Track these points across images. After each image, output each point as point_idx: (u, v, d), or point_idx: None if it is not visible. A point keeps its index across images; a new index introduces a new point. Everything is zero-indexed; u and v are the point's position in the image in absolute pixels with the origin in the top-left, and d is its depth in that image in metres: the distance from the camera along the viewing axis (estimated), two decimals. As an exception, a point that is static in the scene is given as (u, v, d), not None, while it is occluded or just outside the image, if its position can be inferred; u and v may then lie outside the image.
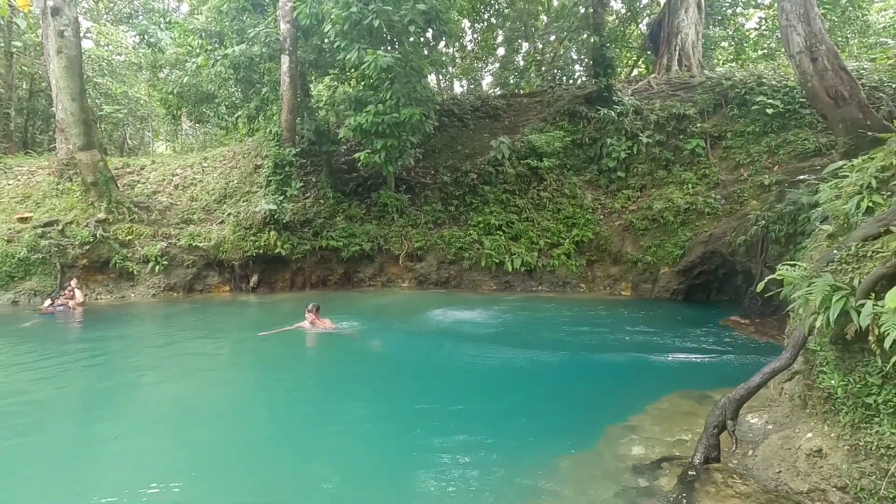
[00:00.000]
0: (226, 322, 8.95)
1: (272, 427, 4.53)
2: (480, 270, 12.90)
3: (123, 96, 20.92)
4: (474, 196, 14.04)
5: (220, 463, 3.86)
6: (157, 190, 13.63)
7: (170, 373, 6.11)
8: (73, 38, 11.41)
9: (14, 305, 10.07)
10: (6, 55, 18.43)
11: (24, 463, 3.75)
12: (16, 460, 3.79)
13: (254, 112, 14.27)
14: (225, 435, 4.35)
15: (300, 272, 12.78)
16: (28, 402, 4.95)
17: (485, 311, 10.09)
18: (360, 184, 14.51)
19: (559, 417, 4.71)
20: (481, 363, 6.31)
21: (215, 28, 14.13)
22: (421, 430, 4.25)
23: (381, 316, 9.56)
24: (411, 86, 11.47)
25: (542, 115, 16.39)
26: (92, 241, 10.90)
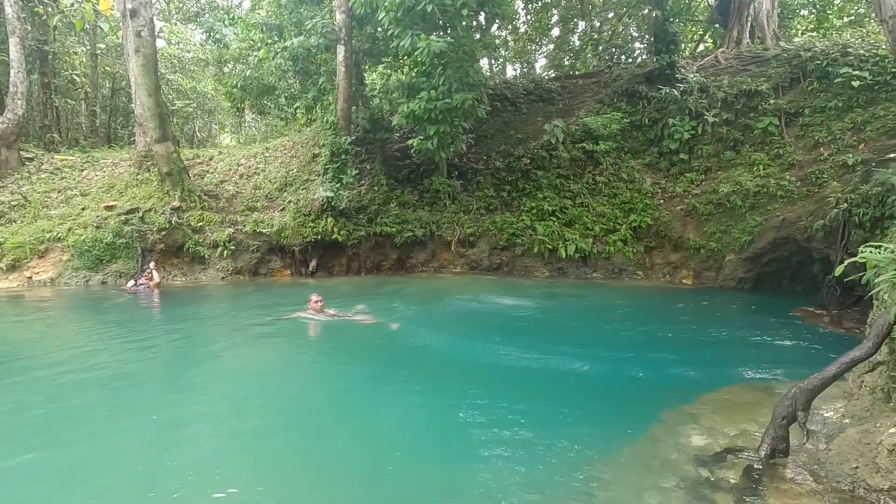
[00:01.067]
0: (287, 304, 9.39)
1: (328, 407, 4.77)
2: (533, 257, 12.76)
3: (192, 91, 22.23)
4: (527, 181, 13.85)
5: (282, 436, 4.10)
6: (224, 179, 14.45)
7: (237, 350, 6.53)
8: (149, 37, 12.22)
9: (103, 286, 11.07)
10: (92, 57, 20.05)
11: (121, 421, 4.17)
12: (113, 419, 4.22)
13: (311, 102, 14.73)
14: (286, 411, 4.62)
15: (356, 257, 13.18)
16: (120, 372, 5.48)
17: (536, 298, 10.02)
18: (412, 170, 14.69)
19: (616, 406, 4.63)
20: (532, 350, 6.28)
21: (275, 21, 14.65)
22: (475, 419, 4.30)
23: (430, 301, 9.71)
24: (464, 71, 11.41)
25: (599, 96, 15.83)
26: (168, 228, 11.77)
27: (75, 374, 5.32)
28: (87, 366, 5.60)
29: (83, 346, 6.52)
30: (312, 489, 3.30)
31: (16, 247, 11.36)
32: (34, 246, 11.51)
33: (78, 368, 5.51)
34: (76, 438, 3.90)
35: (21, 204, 13.01)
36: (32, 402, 4.52)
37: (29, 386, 4.94)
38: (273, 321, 7.74)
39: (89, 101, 21.27)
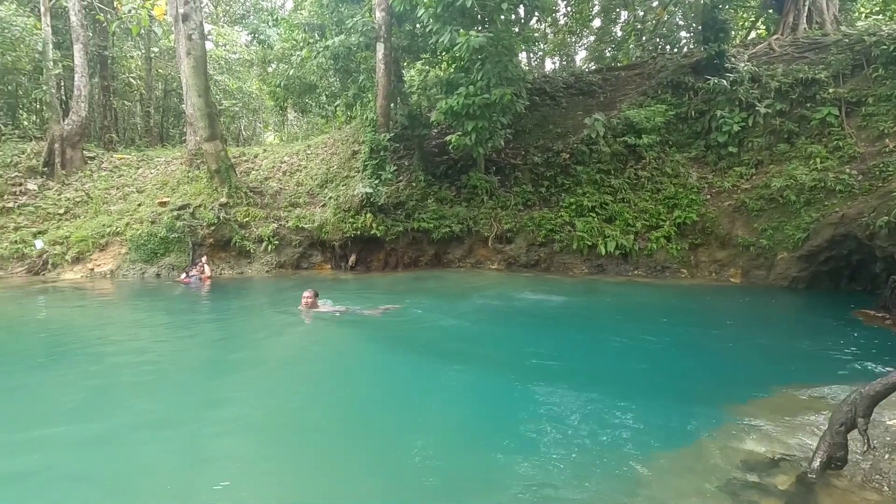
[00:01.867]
0: (328, 297, 9.65)
1: (373, 389, 4.88)
2: (571, 253, 12.56)
3: (238, 91, 23.05)
4: (566, 176, 13.62)
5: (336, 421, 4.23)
6: (268, 176, 14.94)
7: (279, 339, 6.76)
8: (199, 40, 12.76)
9: (157, 278, 11.69)
10: (146, 60, 21.12)
11: (172, 397, 4.42)
12: (165, 394, 4.48)
13: (351, 100, 14.99)
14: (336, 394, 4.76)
15: (394, 252, 13.35)
16: (172, 355, 5.80)
17: (575, 295, 9.87)
18: (450, 166, 14.72)
19: (658, 407, 4.50)
20: (571, 348, 6.21)
21: (317, 21, 14.97)
22: (514, 413, 4.30)
23: (469, 295, 9.73)
24: (502, 65, 11.32)
25: (642, 88, 15.36)
26: (216, 223, 12.29)
27: (129, 356, 5.67)
28: (140, 349, 5.96)
29: (138, 333, 6.93)
30: (348, 469, 3.40)
31: (80, 240, 12.17)
32: (96, 240, 12.28)
33: (132, 351, 5.86)
34: (124, 413, 4.16)
35: (84, 200, 13.91)
36: (90, 381, 4.86)
37: (86, 366, 5.30)
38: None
39: (144, 103, 22.44)
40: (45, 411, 4.23)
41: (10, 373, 5.09)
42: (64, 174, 14.76)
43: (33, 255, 12.04)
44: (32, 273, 11.78)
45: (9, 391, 4.63)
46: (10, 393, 4.59)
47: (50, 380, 4.95)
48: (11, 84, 17.12)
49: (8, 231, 12.77)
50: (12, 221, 13.10)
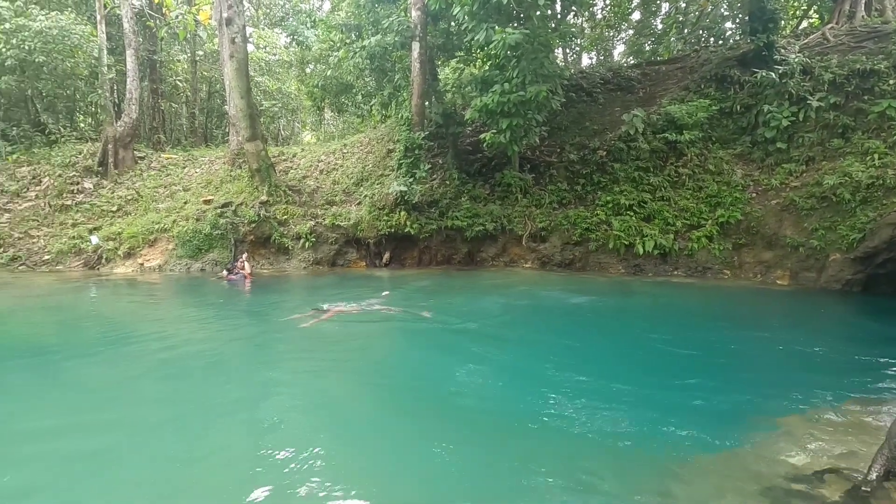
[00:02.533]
0: (363, 292, 9.82)
1: (415, 380, 4.94)
2: (608, 253, 12.31)
3: (278, 92, 23.69)
4: (603, 174, 13.35)
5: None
6: (306, 175, 15.30)
7: (316, 330, 6.91)
8: (242, 43, 13.18)
9: (202, 272, 12.18)
10: (192, 63, 21.97)
11: (220, 386, 4.61)
12: (210, 383, 4.67)
13: (387, 99, 15.17)
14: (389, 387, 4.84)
15: (427, 250, 13.44)
16: (215, 345, 6.04)
17: (614, 294, 9.67)
18: (484, 164, 14.68)
19: (699, 411, 4.36)
20: (608, 351, 6.09)
21: (354, 22, 15.20)
22: (551, 408, 4.26)
23: (503, 293, 9.69)
24: (538, 62, 11.18)
25: (684, 82, 14.87)
26: (257, 220, 12.69)
27: (176, 346, 5.93)
28: (185, 340, 6.22)
29: (188, 324, 7.24)
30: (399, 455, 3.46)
31: (131, 236, 12.81)
32: (145, 236, 12.91)
33: (178, 342, 6.13)
34: (185, 398, 4.37)
35: (135, 198, 14.63)
36: (139, 368, 5.12)
37: (136, 355, 5.59)
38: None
39: (189, 104, 23.36)
40: (111, 396, 4.49)
41: (76, 359, 5.43)
42: (116, 173, 15.57)
43: (89, 250, 12.76)
44: (88, 267, 12.50)
45: (75, 376, 4.95)
46: (78, 377, 4.90)
47: (111, 367, 5.24)
48: (70, 88, 18.14)
49: (66, 227, 13.59)
50: (70, 218, 13.94)
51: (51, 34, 15.05)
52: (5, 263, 12.53)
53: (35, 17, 15.11)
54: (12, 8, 15.24)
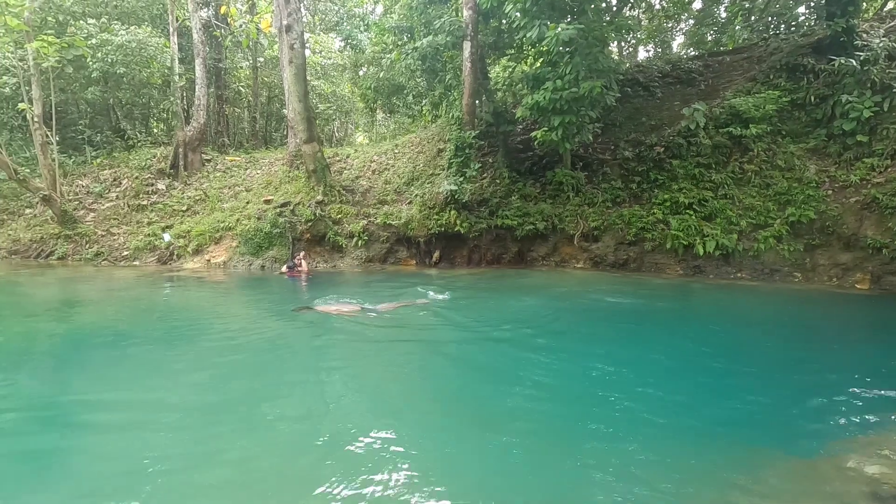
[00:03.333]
0: (414, 290, 9.97)
1: (452, 374, 4.98)
2: (665, 253, 11.84)
3: (332, 94, 24.46)
4: (660, 172, 12.84)
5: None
6: (358, 175, 15.72)
7: (373, 325, 7.10)
8: (300, 49, 13.71)
9: (262, 269, 12.80)
10: (253, 70, 23.09)
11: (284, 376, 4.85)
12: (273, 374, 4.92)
13: (437, 99, 15.31)
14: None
15: (476, 249, 13.45)
16: (278, 338, 6.34)
17: (670, 297, 9.30)
18: (535, 162, 14.50)
19: (767, 418, 4.13)
20: (671, 356, 5.86)
21: (406, 24, 15.45)
22: (604, 419, 4.17)
23: (555, 293, 9.55)
24: (592, 57, 10.92)
25: (750, 73, 14.04)
26: (313, 219, 13.18)
27: (241, 337, 6.27)
28: (249, 332, 6.57)
29: (248, 317, 7.65)
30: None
31: (199, 234, 13.66)
32: (212, 234, 13.72)
33: (242, 334, 6.47)
34: (242, 384, 4.62)
35: (202, 198, 15.58)
36: (203, 353, 5.46)
37: (201, 341, 5.96)
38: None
39: (251, 109, 24.60)
40: (175, 378, 4.84)
41: (148, 344, 5.88)
42: (186, 175, 16.65)
43: (162, 246, 13.73)
44: (161, 262, 13.44)
45: (148, 359, 5.36)
46: (151, 360, 5.31)
47: (179, 350, 5.64)
48: (145, 97, 19.59)
49: (142, 225, 14.69)
50: (146, 217, 15.05)
51: (130, 47, 16.30)
52: (90, 258, 13.71)
53: (117, 32, 16.41)
54: (98, 25, 16.63)
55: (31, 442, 3.58)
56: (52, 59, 13.65)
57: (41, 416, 3.99)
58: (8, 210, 15.92)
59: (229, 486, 3.07)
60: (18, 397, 4.32)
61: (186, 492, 2.98)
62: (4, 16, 12.17)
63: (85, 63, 16.18)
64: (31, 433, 3.71)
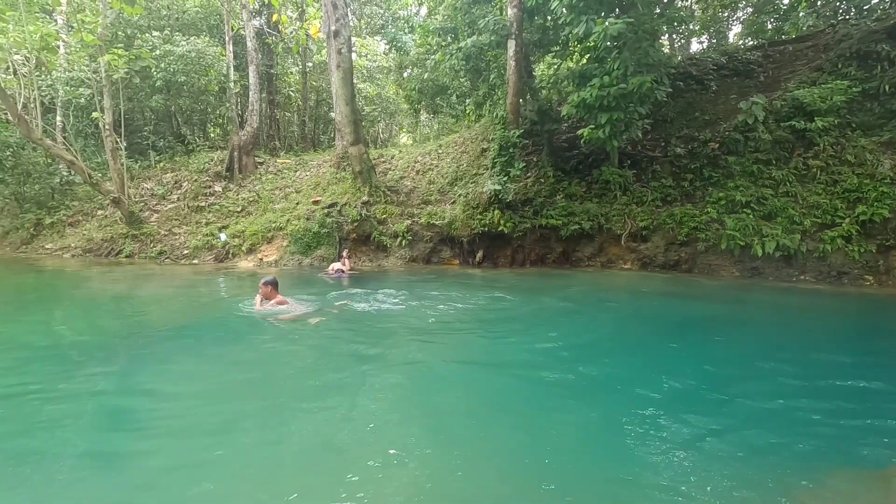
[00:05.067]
0: (458, 291, 10.02)
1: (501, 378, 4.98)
2: (719, 254, 11.32)
3: (377, 97, 24.92)
4: (714, 169, 12.29)
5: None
6: (403, 175, 15.94)
7: (410, 322, 7.20)
8: (347, 53, 14.06)
9: (310, 267, 13.22)
10: (302, 75, 23.88)
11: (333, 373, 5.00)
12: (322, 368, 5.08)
13: (481, 99, 15.30)
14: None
15: (520, 249, 13.34)
16: (322, 333, 6.54)
17: (726, 301, 8.88)
18: (580, 161, 14.23)
19: (836, 429, 3.87)
20: (729, 365, 5.61)
21: (450, 24, 15.53)
22: (671, 417, 4.05)
23: (604, 296, 9.33)
24: (642, 51, 10.59)
25: (815, 62, 13.18)
26: (359, 219, 13.49)
27: (286, 331, 6.51)
28: (292, 328, 6.81)
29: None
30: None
31: (252, 234, 14.28)
32: (264, 233, 14.31)
33: (288, 328, 6.72)
34: (287, 386, 4.81)
35: (255, 200, 16.27)
36: (252, 347, 5.70)
37: (252, 336, 6.22)
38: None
39: (300, 113, 25.45)
40: (227, 370, 5.09)
41: (207, 337, 6.22)
42: (240, 177, 17.44)
43: (219, 246, 14.45)
44: (218, 261, 14.15)
45: (211, 351, 5.66)
46: (213, 352, 5.61)
47: (233, 343, 5.93)
48: (203, 103, 20.68)
49: (201, 226, 15.52)
50: (204, 218, 15.89)
51: (190, 57, 17.24)
52: (154, 256, 14.61)
53: (178, 43, 17.40)
54: (161, 37, 17.70)
55: (92, 431, 3.82)
56: (122, 70, 14.66)
57: (102, 407, 4.27)
58: (83, 212, 17.22)
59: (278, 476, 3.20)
60: (79, 388, 4.62)
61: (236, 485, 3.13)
62: (81, 32, 13.17)
63: (150, 73, 17.27)
64: (93, 423, 3.96)
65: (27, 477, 3.03)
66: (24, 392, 4.40)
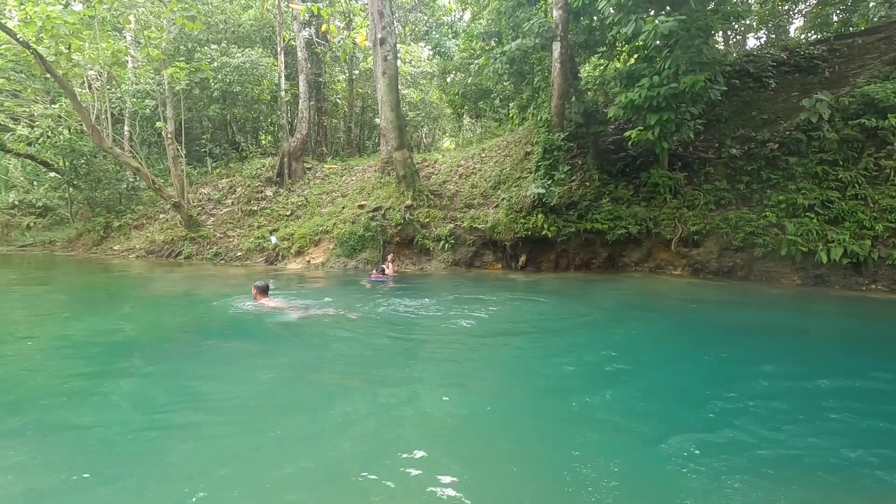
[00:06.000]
0: (499, 295, 9.96)
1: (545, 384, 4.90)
2: (779, 260, 10.71)
3: (421, 102, 25.24)
4: (773, 170, 11.65)
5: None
6: (446, 179, 16.04)
7: (454, 322, 7.22)
8: (393, 60, 14.33)
9: (356, 270, 13.52)
10: (349, 82, 24.53)
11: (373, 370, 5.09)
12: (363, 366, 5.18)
13: (525, 102, 15.19)
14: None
15: (564, 254, 13.12)
16: (367, 333, 6.67)
17: (790, 311, 8.39)
18: (627, 163, 13.84)
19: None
20: (793, 379, 5.29)
21: (494, 28, 15.53)
22: (732, 432, 3.87)
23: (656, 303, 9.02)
24: (695, 49, 10.20)
25: (889, 56, 12.30)
26: (402, 223, 13.68)
27: (337, 330, 6.67)
28: (344, 328, 6.97)
29: (343, 313, 8.13)
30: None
31: (300, 237, 14.77)
32: (311, 236, 14.77)
33: (336, 327, 6.89)
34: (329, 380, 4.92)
35: (304, 204, 16.82)
36: (307, 352, 5.88)
37: (304, 339, 6.42)
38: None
39: (346, 119, 26.13)
40: (276, 365, 5.28)
41: (261, 335, 6.48)
42: (290, 183, 18.10)
43: (269, 248, 15.03)
44: (268, 263, 14.72)
45: (265, 347, 5.91)
46: (266, 348, 5.85)
47: (284, 341, 6.15)
48: (255, 112, 21.63)
49: (253, 229, 16.20)
50: (256, 221, 16.58)
51: (244, 67, 18.09)
52: (210, 258, 15.37)
53: (234, 55, 18.29)
54: (219, 49, 18.66)
55: (144, 422, 4.04)
56: (183, 82, 15.56)
57: (155, 402, 4.51)
58: (146, 215, 18.38)
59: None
60: (134, 384, 4.90)
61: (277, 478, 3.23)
62: (147, 48, 14.10)
63: (208, 84, 18.24)
64: (145, 416, 4.19)
65: (115, 445, 3.28)
66: (115, 373, 4.82)
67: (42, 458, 3.24)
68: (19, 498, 2.82)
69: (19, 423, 3.74)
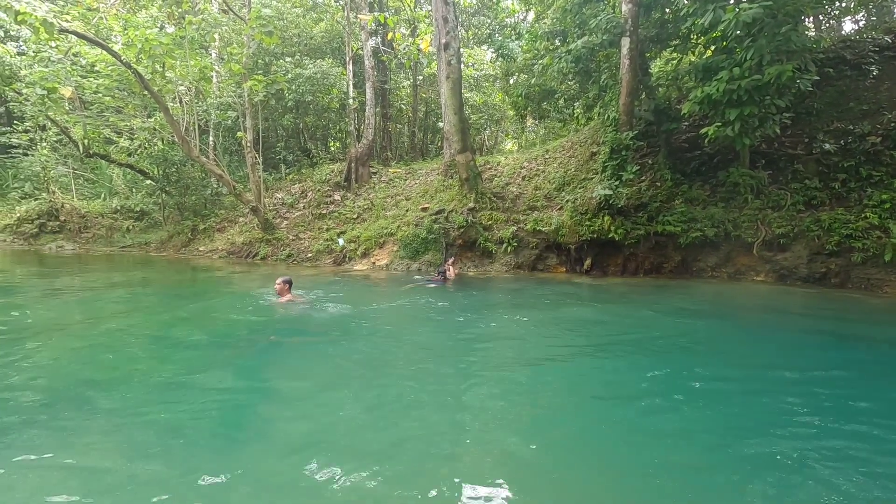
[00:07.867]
0: (561, 299, 9.73)
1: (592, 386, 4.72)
2: (882, 266, 9.65)
3: (483, 105, 25.25)
4: (875, 166, 10.53)
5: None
6: (508, 182, 15.93)
7: (510, 324, 7.13)
8: (456, 64, 14.47)
9: (418, 272, 13.75)
10: (413, 88, 25.03)
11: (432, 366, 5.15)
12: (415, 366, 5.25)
13: (591, 101, 14.75)
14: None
15: (633, 257, 12.59)
16: (422, 332, 6.76)
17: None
18: (703, 162, 13.05)
19: None
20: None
21: (559, 27, 15.23)
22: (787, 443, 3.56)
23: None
24: (782, 37, 9.42)
25: None
26: (465, 226, 13.74)
27: (392, 327, 6.83)
28: (399, 327, 7.12)
29: (401, 314, 8.30)
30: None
31: (366, 239, 15.26)
32: (377, 239, 15.21)
33: (393, 326, 7.05)
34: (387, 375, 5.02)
35: (369, 207, 17.37)
36: (361, 350, 6.05)
37: (358, 337, 6.61)
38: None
39: (410, 124, 26.68)
40: (340, 369, 5.48)
41: (337, 336, 6.77)
42: (357, 187, 18.76)
43: (337, 250, 15.66)
44: (336, 264, 15.33)
45: (345, 349, 6.16)
46: (344, 349, 6.10)
47: (356, 341, 6.38)
48: (325, 119, 22.64)
49: (322, 231, 16.95)
50: (325, 224, 17.33)
51: (316, 78, 19.01)
52: (283, 259, 16.26)
53: (306, 66, 19.27)
54: (293, 61, 19.75)
55: (227, 411, 4.36)
56: (261, 94, 16.61)
57: (229, 397, 4.83)
58: (228, 219, 19.77)
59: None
60: (211, 378, 5.26)
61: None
62: (230, 63, 15.21)
63: (283, 95, 19.34)
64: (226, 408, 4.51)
65: (214, 426, 3.62)
66: (217, 364, 5.30)
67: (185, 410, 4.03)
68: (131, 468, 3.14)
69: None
